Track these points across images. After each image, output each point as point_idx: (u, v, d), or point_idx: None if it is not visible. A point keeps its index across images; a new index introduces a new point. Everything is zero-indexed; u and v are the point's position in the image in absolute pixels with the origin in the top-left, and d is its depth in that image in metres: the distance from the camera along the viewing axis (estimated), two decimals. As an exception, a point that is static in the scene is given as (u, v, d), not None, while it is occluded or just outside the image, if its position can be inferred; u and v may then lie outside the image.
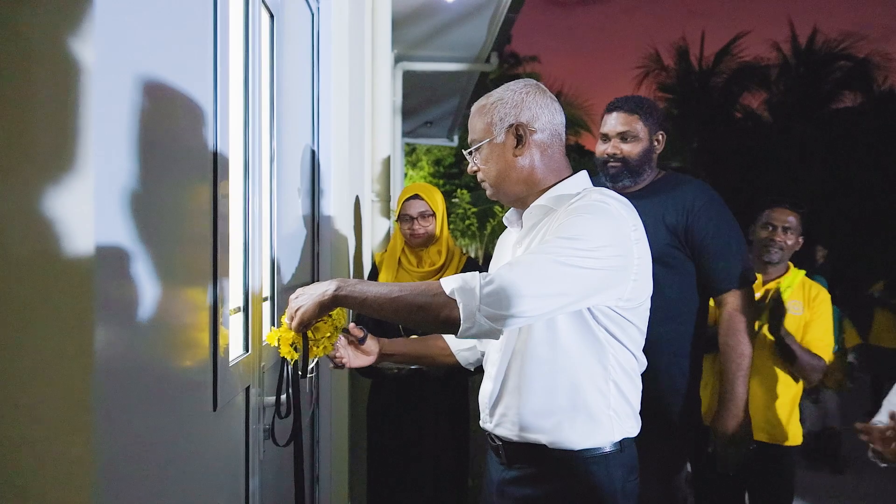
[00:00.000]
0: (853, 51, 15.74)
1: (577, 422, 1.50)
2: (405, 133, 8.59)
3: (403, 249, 2.76)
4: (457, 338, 1.39)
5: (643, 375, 1.64)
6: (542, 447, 1.52)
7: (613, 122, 2.35)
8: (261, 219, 1.79)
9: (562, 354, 1.49)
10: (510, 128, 1.54)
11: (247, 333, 1.70)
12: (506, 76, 19.10)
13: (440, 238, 2.73)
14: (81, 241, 0.86)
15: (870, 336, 6.55)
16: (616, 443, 1.53)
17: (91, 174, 0.86)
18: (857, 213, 13.84)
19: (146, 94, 1.04)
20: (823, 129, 14.68)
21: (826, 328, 2.68)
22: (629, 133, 2.31)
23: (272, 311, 1.99)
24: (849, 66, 15.77)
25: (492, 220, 10.18)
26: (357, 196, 3.02)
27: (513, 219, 1.71)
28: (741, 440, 2.30)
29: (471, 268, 2.74)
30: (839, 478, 4.99)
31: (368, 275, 2.86)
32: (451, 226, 10.59)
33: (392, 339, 1.91)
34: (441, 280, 1.38)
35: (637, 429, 1.58)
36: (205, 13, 1.33)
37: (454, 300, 1.34)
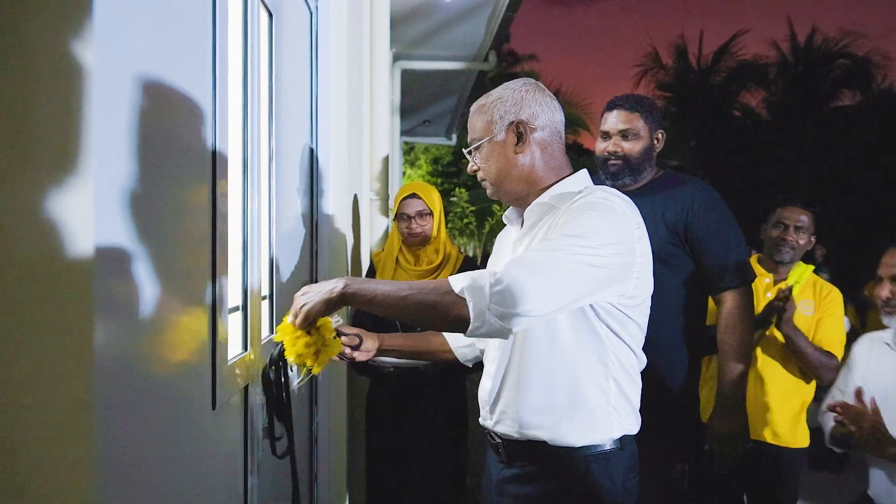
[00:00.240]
0: (852, 49, 15.74)
1: (577, 419, 1.50)
2: (403, 132, 8.59)
3: (401, 248, 2.76)
4: (466, 336, 1.37)
5: (642, 374, 1.64)
6: (543, 444, 1.52)
7: (614, 120, 2.34)
8: (260, 218, 1.79)
9: (562, 351, 1.49)
10: (510, 126, 1.54)
11: (246, 332, 1.70)
12: (504, 75, 19.09)
13: (437, 237, 2.73)
14: (81, 241, 0.86)
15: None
16: (616, 440, 1.53)
17: (91, 174, 0.86)
18: (857, 212, 13.83)
19: (146, 95, 1.04)
20: (822, 128, 14.68)
21: (838, 325, 2.65)
22: (630, 131, 2.30)
23: (271, 310, 1.99)
24: (848, 65, 15.76)
25: (490, 219, 10.19)
26: (355, 195, 3.02)
27: (512, 217, 1.71)
28: (737, 439, 2.29)
29: (468, 267, 2.74)
30: (839, 477, 4.99)
31: (366, 274, 2.86)
32: (450, 224, 10.59)
33: (391, 335, 1.91)
34: (450, 278, 1.37)
35: (637, 426, 1.58)
36: (204, 13, 1.33)
37: (463, 299, 1.32)
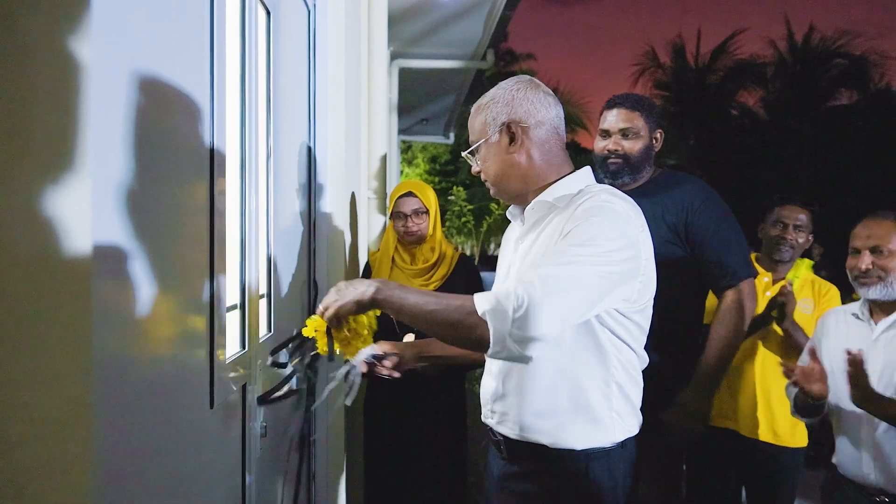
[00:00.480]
0: (849, 48, 15.76)
1: (579, 423, 1.49)
2: (401, 130, 8.58)
3: (396, 247, 2.74)
4: (487, 356, 1.35)
5: (642, 373, 1.64)
6: (543, 446, 1.52)
7: (614, 119, 2.32)
8: (257, 216, 1.79)
9: (564, 356, 1.47)
10: (503, 126, 1.54)
11: (244, 331, 1.70)
12: (502, 73, 19.10)
13: (433, 235, 2.72)
14: (79, 240, 0.86)
15: None
16: (618, 442, 1.52)
17: (88, 172, 0.86)
18: (854, 211, 13.78)
19: (143, 92, 1.04)
20: (820, 127, 14.69)
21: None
22: (630, 130, 2.29)
23: (269, 309, 1.99)
24: (845, 64, 15.78)
25: (488, 218, 10.19)
26: (353, 193, 3.01)
27: (516, 213, 1.70)
28: (697, 418, 2.27)
29: (463, 265, 2.73)
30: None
31: (362, 275, 2.85)
32: (447, 223, 10.60)
33: (426, 340, 1.86)
34: (475, 297, 1.35)
35: (638, 426, 1.58)
36: (201, 10, 1.33)
37: (486, 322, 1.32)
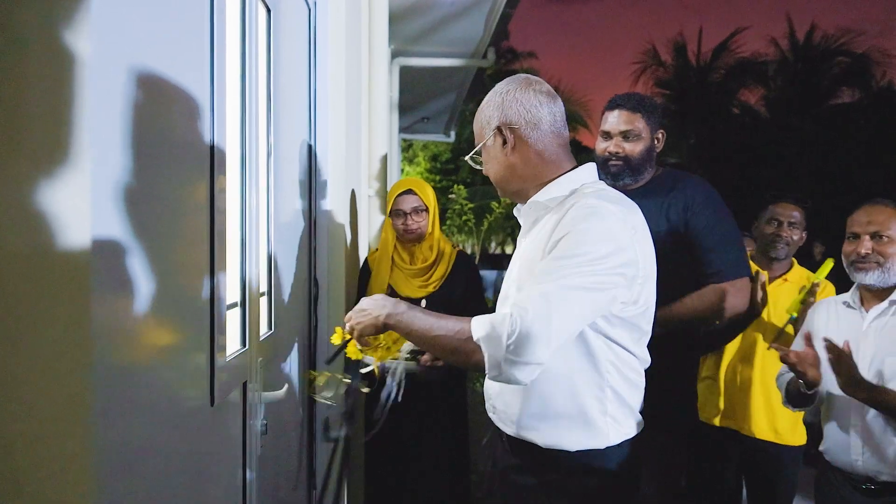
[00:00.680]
0: (851, 47, 15.73)
1: (572, 427, 1.51)
2: (402, 129, 8.57)
3: (395, 246, 2.73)
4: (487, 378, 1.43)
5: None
6: (539, 446, 1.55)
7: (616, 121, 2.30)
8: (258, 214, 1.78)
9: (558, 361, 1.47)
10: (496, 130, 1.57)
11: (244, 329, 1.69)
12: (503, 72, 19.05)
13: (432, 233, 2.71)
14: (78, 237, 0.86)
15: None
16: (613, 444, 1.53)
17: (87, 169, 0.86)
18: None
19: (142, 88, 1.04)
20: (821, 125, 14.67)
21: None
22: (632, 132, 2.27)
23: (269, 307, 1.99)
24: (847, 62, 15.75)
25: (488, 216, 10.16)
26: (354, 192, 3.01)
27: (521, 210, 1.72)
28: (685, 412, 2.34)
29: (461, 262, 2.72)
30: None
31: (360, 274, 2.82)
32: (448, 221, 10.55)
33: None
34: (473, 322, 1.40)
35: (636, 428, 1.58)
36: (201, 8, 1.33)
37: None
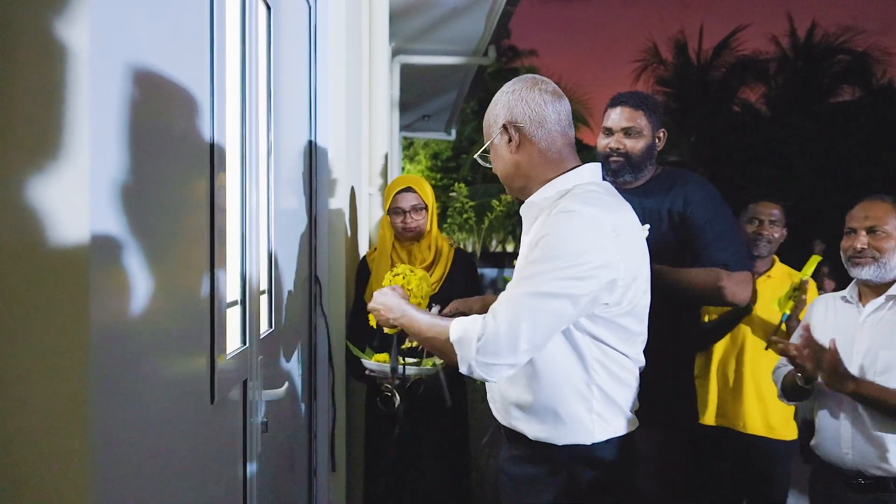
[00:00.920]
0: (852, 45, 15.69)
1: (559, 423, 1.52)
2: (403, 127, 8.55)
3: (394, 244, 2.71)
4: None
5: (641, 368, 1.64)
6: (527, 437, 1.57)
7: (617, 117, 2.31)
8: (258, 211, 1.78)
9: (547, 357, 1.50)
10: (502, 127, 1.61)
11: (244, 326, 1.69)
12: (503, 70, 19.03)
13: (430, 232, 2.69)
14: (76, 234, 0.86)
15: None
16: (599, 441, 1.53)
17: (85, 165, 0.86)
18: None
19: (142, 85, 1.04)
20: (822, 123, 14.65)
21: None
22: (633, 129, 2.27)
23: (270, 305, 1.99)
24: (847, 60, 15.72)
25: (489, 214, 10.16)
26: (354, 189, 3.01)
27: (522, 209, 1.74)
28: (685, 412, 2.36)
29: (460, 261, 2.71)
30: None
31: (357, 275, 2.81)
32: (449, 219, 10.54)
33: (486, 296, 2.12)
34: (452, 323, 1.50)
35: (626, 427, 1.57)
36: (201, 4, 1.33)
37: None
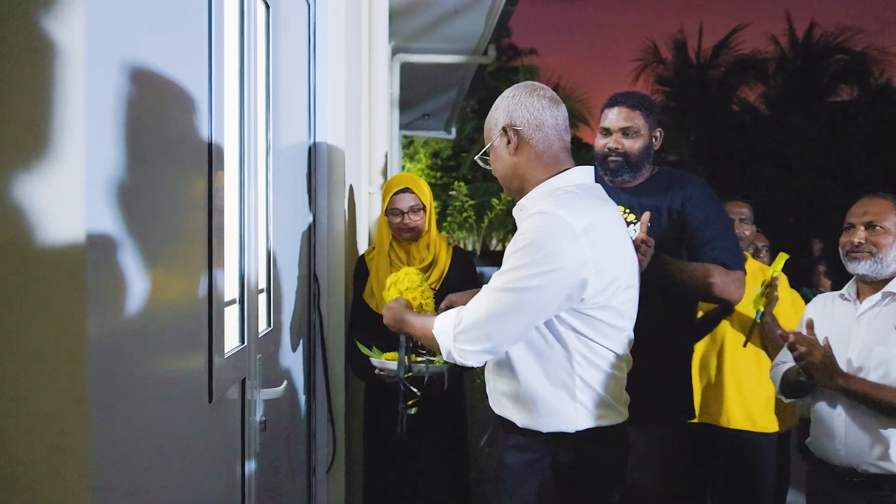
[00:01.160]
0: (850, 44, 15.72)
1: (544, 412, 1.60)
2: (403, 125, 8.55)
3: (391, 244, 2.71)
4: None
5: (639, 366, 1.67)
6: (516, 424, 1.65)
7: (615, 117, 2.33)
8: (257, 210, 1.78)
9: (528, 348, 1.60)
10: (502, 130, 1.69)
11: (243, 325, 1.69)
12: (504, 69, 19.03)
13: (428, 231, 2.68)
14: (72, 233, 0.86)
15: None
16: (583, 429, 1.59)
17: (81, 164, 0.86)
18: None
19: (139, 84, 1.04)
20: (820, 123, 14.67)
21: (788, 304, 2.85)
22: (631, 129, 2.30)
23: (268, 304, 1.99)
24: (846, 60, 15.75)
25: (489, 213, 10.19)
26: (353, 188, 3.00)
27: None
28: (681, 407, 2.37)
29: (459, 259, 2.71)
30: None
31: (355, 273, 2.80)
32: (449, 218, 10.57)
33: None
34: (437, 319, 1.65)
35: (613, 418, 1.62)
36: (199, 3, 1.33)
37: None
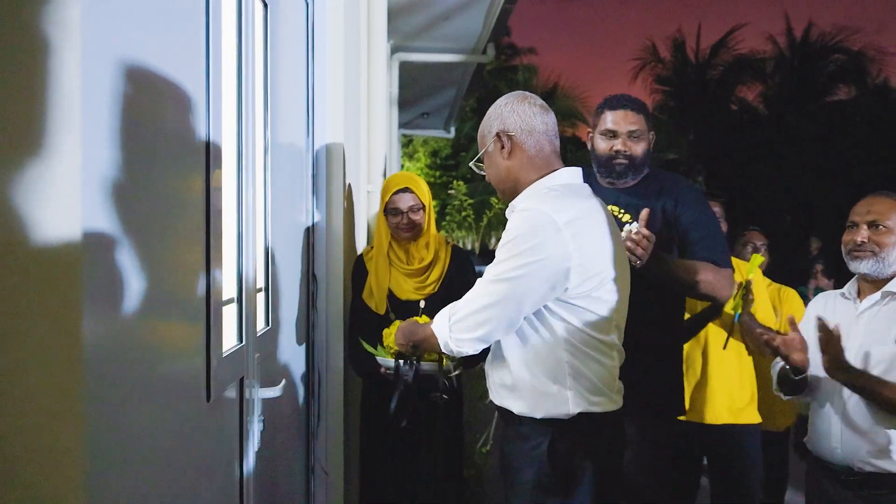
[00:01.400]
0: (848, 44, 15.76)
1: (537, 396, 1.68)
2: (402, 124, 8.55)
3: (390, 244, 2.70)
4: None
5: (632, 360, 1.77)
6: (512, 412, 1.73)
7: (623, 120, 2.35)
8: (255, 210, 1.78)
9: (519, 337, 1.70)
10: (496, 136, 1.80)
11: (241, 324, 1.69)
12: (502, 68, 19.04)
13: (427, 230, 2.68)
14: (68, 231, 0.85)
15: None
16: (575, 414, 1.67)
17: (77, 163, 0.86)
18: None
19: (135, 82, 1.03)
20: (818, 122, 14.69)
21: (766, 304, 2.90)
22: (638, 131, 2.34)
23: (267, 303, 1.99)
24: (843, 60, 15.80)
25: (488, 212, 10.21)
26: (351, 186, 3.00)
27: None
28: (672, 402, 2.39)
29: (458, 257, 2.71)
30: None
31: (354, 272, 2.80)
32: (448, 217, 10.58)
33: None
34: (436, 315, 1.78)
35: (606, 405, 1.70)
36: (197, 2, 1.32)
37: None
